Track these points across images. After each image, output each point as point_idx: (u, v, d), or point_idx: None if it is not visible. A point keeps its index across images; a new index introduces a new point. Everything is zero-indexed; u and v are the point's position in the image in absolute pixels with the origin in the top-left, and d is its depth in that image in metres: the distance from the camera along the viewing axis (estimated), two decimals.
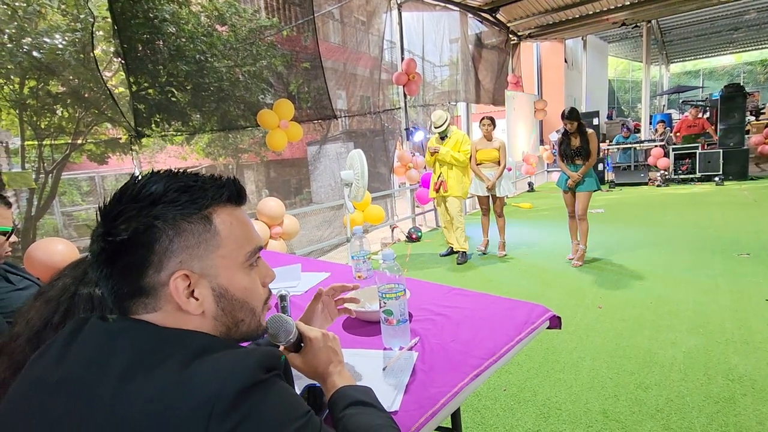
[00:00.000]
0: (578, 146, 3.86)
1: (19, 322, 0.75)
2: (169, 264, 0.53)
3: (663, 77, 20.48)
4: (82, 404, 0.48)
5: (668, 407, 1.89)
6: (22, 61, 3.45)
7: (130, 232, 0.51)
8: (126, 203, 0.53)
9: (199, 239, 0.55)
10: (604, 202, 7.40)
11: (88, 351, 0.52)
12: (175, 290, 0.53)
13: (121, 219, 0.52)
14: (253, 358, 0.51)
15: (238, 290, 0.58)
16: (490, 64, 8.53)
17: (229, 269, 0.57)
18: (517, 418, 1.91)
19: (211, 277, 0.56)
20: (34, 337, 0.72)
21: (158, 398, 0.46)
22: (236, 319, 0.59)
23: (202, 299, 0.55)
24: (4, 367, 0.72)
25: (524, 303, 1.22)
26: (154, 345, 0.51)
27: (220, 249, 0.56)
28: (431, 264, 4.59)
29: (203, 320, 0.56)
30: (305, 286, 1.59)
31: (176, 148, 8.93)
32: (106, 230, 0.52)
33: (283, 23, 4.94)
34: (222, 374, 0.48)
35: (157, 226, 0.52)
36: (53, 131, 3.87)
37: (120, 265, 0.53)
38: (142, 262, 0.52)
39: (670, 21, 12.95)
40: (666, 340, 2.48)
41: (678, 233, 4.89)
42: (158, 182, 0.55)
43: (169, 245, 0.53)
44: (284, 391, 0.53)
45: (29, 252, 2.24)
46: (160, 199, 0.53)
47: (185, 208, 0.54)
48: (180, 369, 0.48)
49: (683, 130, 9.30)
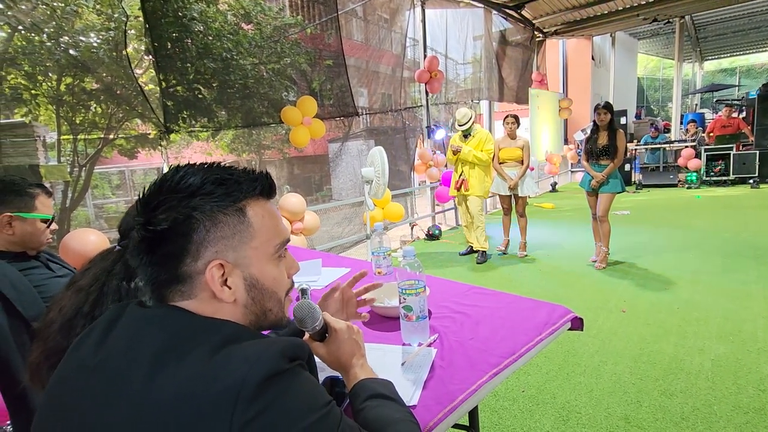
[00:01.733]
0: (605, 144, 3.75)
1: (53, 309, 0.79)
2: (205, 253, 0.55)
3: (696, 75, 19.71)
4: (116, 389, 0.50)
5: (694, 416, 1.83)
6: (59, 59, 3.60)
7: (170, 222, 0.54)
8: (166, 194, 0.55)
9: (234, 230, 0.57)
10: (630, 204, 7.20)
11: (125, 337, 0.55)
12: (211, 279, 0.55)
13: (161, 209, 0.54)
14: (277, 347, 0.52)
15: (268, 280, 0.61)
16: (514, 62, 8.40)
17: (260, 260, 0.60)
18: (535, 420, 1.89)
19: (243, 267, 0.58)
20: (66, 324, 0.75)
21: (187, 385, 0.48)
22: (265, 308, 0.61)
23: (234, 288, 0.57)
24: (39, 351, 0.75)
25: (545, 303, 1.21)
26: (185, 333, 0.53)
27: (253, 240, 0.59)
28: (451, 263, 4.57)
29: (235, 308, 0.59)
30: (326, 281, 1.61)
31: (202, 144, 9.15)
32: (147, 220, 0.54)
33: (307, 21, 5.00)
34: (248, 362, 0.49)
35: (195, 217, 0.54)
36: (87, 126, 4.03)
37: (160, 253, 0.55)
38: (181, 251, 0.55)
39: (705, 16, 12.42)
40: (693, 346, 2.40)
41: (708, 237, 4.72)
42: (195, 174, 0.57)
43: (206, 235, 0.55)
44: (308, 381, 0.54)
45: (64, 242, 2.35)
46: (197, 191, 0.55)
47: (221, 200, 0.56)
48: (209, 357, 0.50)
49: (717, 130, 8.94)
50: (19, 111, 3.69)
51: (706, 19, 12.92)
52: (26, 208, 1.26)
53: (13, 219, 1.23)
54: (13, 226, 1.24)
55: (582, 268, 3.99)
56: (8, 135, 3.65)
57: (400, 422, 0.64)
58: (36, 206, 1.28)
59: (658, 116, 18.83)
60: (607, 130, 3.78)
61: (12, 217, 1.23)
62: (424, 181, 6.50)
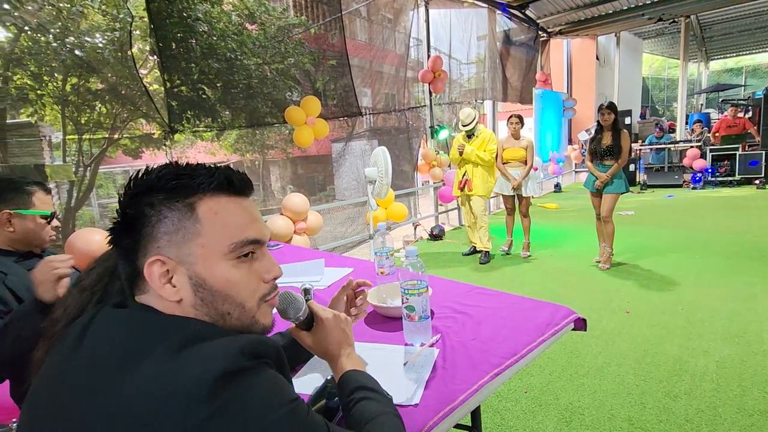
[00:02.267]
0: (609, 144, 3.74)
1: (59, 308, 0.79)
2: (149, 249, 0.55)
3: (701, 75, 19.59)
4: (86, 396, 0.49)
5: (698, 418, 1.83)
6: (65, 60, 3.63)
7: (123, 216, 0.56)
8: (128, 190, 0.57)
9: (179, 226, 0.55)
10: (635, 205, 7.16)
11: (95, 340, 0.54)
12: (149, 275, 0.55)
13: (122, 204, 0.57)
14: (237, 345, 0.51)
15: (218, 281, 0.57)
16: (518, 62, 8.38)
17: (208, 259, 0.56)
18: (538, 421, 1.89)
19: (188, 265, 0.56)
20: (70, 323, 0.76)
21: (146, 385, 0.47)
22: (219, 311, 0.58)
23: (179, 287, 0.56)
24: (44, 350, 0.76)
25: (548, 304, 1.20)
26: (148, 333, 0.52)
27: (199, 237, 0.56)
28: (454, 263, 4.56)
29: (182, 308, 0.57)
30: (329, 281, 1.62)
31: (206, 144, 9.20)
32: (115, 215, 0.58)
33: (311, 21, 5.00)
34: (204, 361, 0.48)
35: (144, 212, 0.55)
36: (92, 126, 4.05)
37: (121, 246, 0.58)
38: (134, 245, 0.56)
39: (710, 15, 12.34)
40: (698, 348, 2.39)
41: (713, 238, 4.69)
42: (157, 172, 0.58)
43: (152, 231, 0.55)
44: (270, 379, 0.52)
45: (69, 241, 2.37)
46: (152, 187, 0.56)
47: (171, 195, 0.56)
48: (170, 356, 0.49)
49: (722, 130, 8.87)
50: (25, 111, 3.72)
51: (712, 18, 12.84)
52: (24, 205, 1.28)
53: (12, 216, 1.26)
54: (12, 223, 1.26)
55: (586, 268, 3.98)
56: (14, 135, 3.68)
57: (382, 415, 0.65)
58: (34, 203, 1.30)
59: (663, 116, 18.73)
60: (611, 131, 3.77)
61: (11, 215, 1.25)
62: (428, 181, 6.50)
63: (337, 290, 1.00)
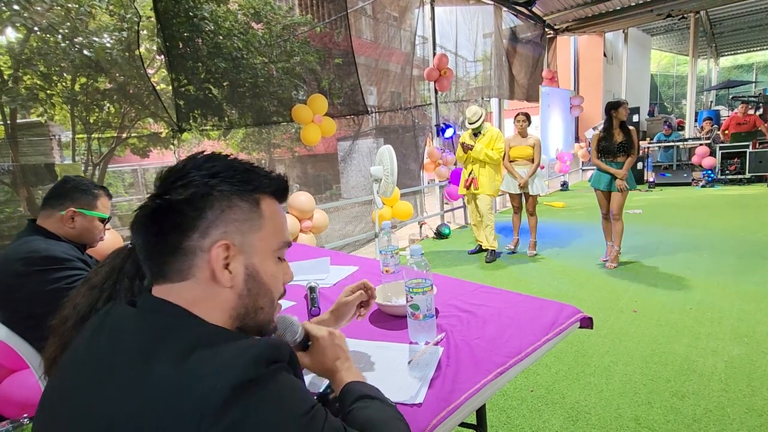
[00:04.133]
0: (622, 141, 3.71)
1: (68, 305, 0.80)
2: (214, 232, 0.56)
3: (711, 71, 19.31)
4: (95, 397, 0.49)
5: (706, 418, 1.81)
6: (74, 60, 3.66)
7: (189, 194, 0.55)
8: (189, 170, 0.57)
9: (246, 216, 0.59)
10: (642, 203, 7.09)
11: (108, 339, 0.54)
12: (216, 257, 0.55)
13: (182, 182, 0.56)
14: (251, 351, 0.50)
15: (266, 275, 0.61)
16: (524, 59, 8.32)
17: (264, 253, 0.61)
18: (544, 420, 1.88)
19: (247, 255, 0.59)
20: (80, 321, 0.77)
21: (155, 395, 0.46)
22: (257, 304, 0.61)
23: (235, 274, 0.57)
24: (55, 347, 0.77)
25: (553, 302, 1.20)
26: (158, 335, 0.52)
27: (261, 231, 0.60)
28: (459, 261, 4.55)
29: (229, 295, 0.58)
30: (334, 279, 1.62)
31: (212, 143, 9.24)
32: (164, 190, 0.56)
33: (317, 20, 5.01)
34: (217, 371, 0.46)
35: (213, 195, 0.56)
36: (101, 126, 4.09)
37: (167, 224, 0.55)
38: (190, 225, 0.55)
39: (720, 11, 12.16)
40: (706, 348, 2.36)
41: (723, 237, 4.63)
42: (221, 159, 0.60)
43: (220, 215, 0.57)
44: (286, 385, 0.51)
45: None
46: (219, 173, 0.58)
47: (240, 186, 0.59)
48: (176, 364, 0.47)
49: (732, 127, 8.75)
50: (35, 111, 3.77)
51: (722, 13, 12.65)
52: (89, 206, 1.41)
53: (76, 214, 1.38)
54: (75, 220, 1.38)
55: (593, 267, 3.95)
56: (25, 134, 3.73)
57: (388, 421, 0.65)
58: (97, 206, 1.43)
59: (672, 113, 18.52)
60: (620, 128, 3.75)
61: (75, 213, 1.38)
62: (433, 179, 6.49)
63: (342, 289, 1.01)
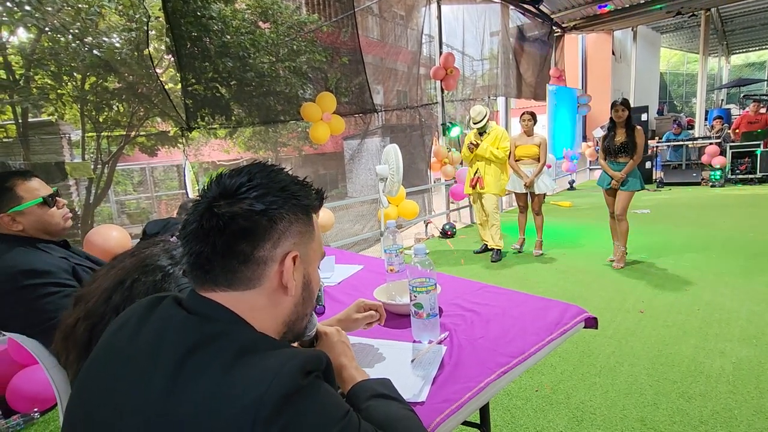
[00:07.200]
0: (623, 141, 3.67)
1: (97, 278, 0.85)
2: (285, 243, 0.59)
3: (722, 70, 19.06)
4: (139, 389, 0.51)
5: (713, 419, 1.80)
6: (84, 59, 3.71)
7: (267, 204, 0.57)
8: (261, 179, 0.59)
9: (307, 229, 0.63)
10: (651, 203, 7.03)
11: (154, 335, 0.56)
12: (289, 268, 0.59)
13: (256, 192, 0.57)
14: (296, 362, 0.51)
15: (315, 283, 0.66)
16: (532, 58, 8.27)
17: (314, 262, 0.66)
18: (549, 420, 1.88)
19: (305, 265, 0.63)
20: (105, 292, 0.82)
21: (203, 401, 0.47)
22: (305, 311, 0.65)
23: (297, 282, 0.61)
24: (79, 312, 0.81)
25: (558, 302, 1.20)
26: (205, 339, 0.53)
27: (313, 242, 0.64)
28: (465, 261, 4.55)
29: (289, 303, 0.61)
30: (339, 278, 1.63)
31: (219, 141, 9.31)
32: (230, 199, 0.56)
33: (323, 19, 5.02)
34: (266, 379, 0.49)
35: (285, 208, 0.59)
36: (110, 124, 4.14)
37: (238, 234, 0.55)
38: (263, 234, 0.57)
39: (731, 8, 11.99)
40: (714, 349, 2.34)
41: (732, 237, 4.57)
42: (283, 172, 0.63)
43: (289, 227, 0.60)
44: (325, 393, 0.54)
45: (88, 237, 2.43)
46: (287, 187, 0.60)
47: (302, 200, 0.62)
48: (227, 369, 0.49)
49: (743, 126, 8.62)
50: (46, 110, 3.82)
51: (734, 11, 12.47)
52: (15, 201, 1.24)
53: (12, 215, 1.24)
54: (18, 221, 1.25)
55: (599, 267, 3.93)
56: (37, 133, 3.78)
57: (402, 419, 0.65)
58: (21, 195, 1.26)
59: (682, 112, 18.30)
60: (624, 127, 3.71)
61: (11, 215, 1.23)
62: (440, 178, 6.48)
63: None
